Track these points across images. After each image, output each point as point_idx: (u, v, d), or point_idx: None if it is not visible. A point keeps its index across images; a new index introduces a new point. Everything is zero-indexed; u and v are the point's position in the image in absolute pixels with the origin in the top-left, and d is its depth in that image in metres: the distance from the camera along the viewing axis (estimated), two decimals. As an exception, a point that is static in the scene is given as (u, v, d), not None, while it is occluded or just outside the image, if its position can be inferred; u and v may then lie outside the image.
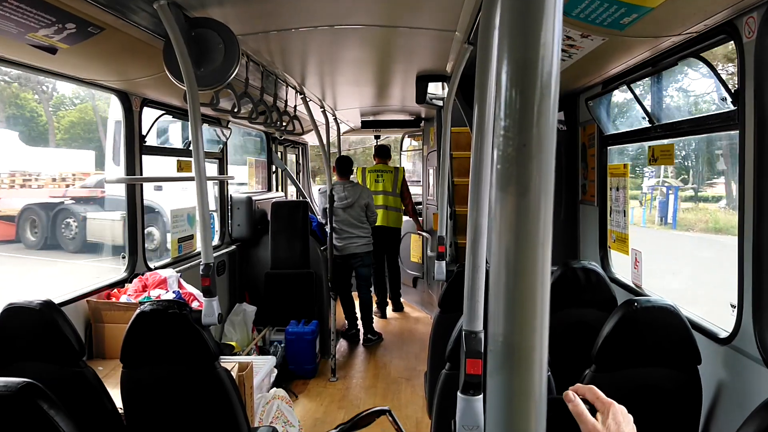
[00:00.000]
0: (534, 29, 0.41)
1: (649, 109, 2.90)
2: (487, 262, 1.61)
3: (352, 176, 5.96)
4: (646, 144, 3.03)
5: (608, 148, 3.62)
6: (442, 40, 3.14)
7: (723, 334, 2.27)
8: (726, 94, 2.18)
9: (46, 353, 2.22)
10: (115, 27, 2.34)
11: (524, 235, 0.43)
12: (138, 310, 2.26)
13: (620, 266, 3.59)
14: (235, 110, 3.33)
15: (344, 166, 5.86)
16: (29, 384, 1.49)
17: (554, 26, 0.42)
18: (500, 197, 0.44)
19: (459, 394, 1.58)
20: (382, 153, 7.06)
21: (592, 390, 1.05)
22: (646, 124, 2.96)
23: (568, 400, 1.03)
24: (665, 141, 2.84)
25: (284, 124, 4.66)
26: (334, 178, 5.80)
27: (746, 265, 2.08)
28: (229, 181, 5.41)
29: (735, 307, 2.18)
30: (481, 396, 1.57)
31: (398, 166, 7.57)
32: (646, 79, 2.96)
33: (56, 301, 2.40)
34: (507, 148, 0.43)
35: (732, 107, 2.15)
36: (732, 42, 2.14)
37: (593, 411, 1.03)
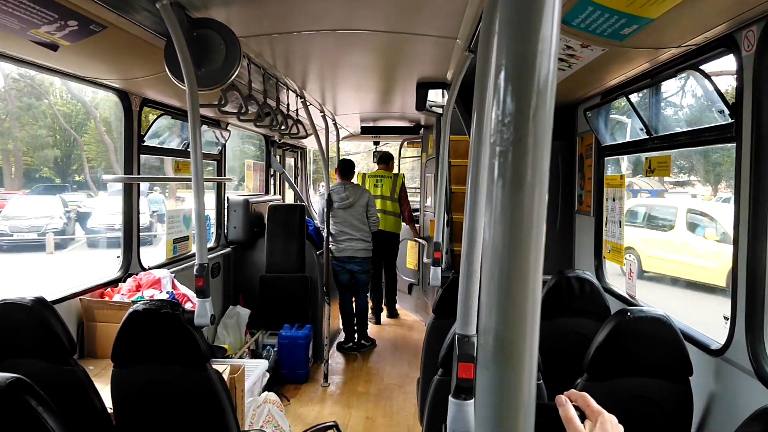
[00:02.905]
0: (533, 22, 0.41)
1: (646, 120, 2.92)
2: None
3: (353, 179, 5.97)
4: (643, 155, 3.04)
5: (605, 158, 3.63)
6: (444, 48, 3.15)
7: (715, 346, 2.27)
8: (724, 107, 2.19)
9: (37, 350, 2.20)
10: (117, 25, 2.34)
11: (517, 229, 0.43)
12: (130, 309, 2.25)
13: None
14: (242, 112, 3.33)
15: (347, 168, 5.88)
16: (18, 380, 1.48)
17: (553, 20, 0.42)
18: (493, 190, 0.43)
19: (450, 398, 1.57)
20: (384, 159, 7.06)
21: (584, 397, 1.05)
22: (643, 135, 2.97)
23: (560, 404, 1.02)
24: (662, 152, 2.85)
25: (287, 127, 4.67)
26: (337, 179, 5.82)
27: (740, 278, 2.08)
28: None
29: (728, 319, 2.18)
30: (472, 401, 1.56)
31: (398, 172, 7.58)
32: (645, 90, 2.98)
33: (49, 298, 2.39)
34: (502, 142, 0.43)
35: (729, 120, 2.16)
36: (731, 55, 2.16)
37: (583, 418, 1.03)
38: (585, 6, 1.96)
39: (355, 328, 5.98)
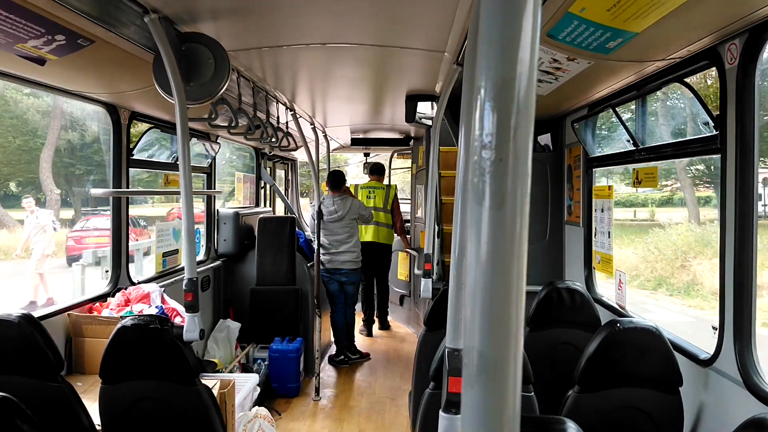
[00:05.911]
0: (512, 47, 0.42)
1: (633, 132, 2.95)
2: None
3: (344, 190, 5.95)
4: (631, 166, 3.07)
5: (594, 169, 3.66)
6: (432, 61, 3.17)
7: (704, 356, 2.28)
8: (708, 119, 2.22)
9: (23, 367, 2.18)
10: (104, 39, 2.34)
11: (499, 248, 0.43)
12: (119, 325, 2.23)
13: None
14: (232, 125, 3.33)
15: (336, 179, 5.85)
16: (5, 399, 1.46)
17: (532, 44, 0.42)
18: (476, 210, 0.44)
19: (441, 412, 1.56)
20: (376, 170, 7.06)
21: None
22: (630, 146, 3.00)
23: None
24: (649, 164, 2.88)
25: (278, 139, 4.67)
26: (327, 191, 5.81)
27: (727, 288, 2.10)
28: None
29: (716, 330, 2.19)
30: None
31: (390, 183, 7.58)
32: (631, 102, 3.01)
33: (37, 314, 2.36)
34: (483, 162, 0.43)
35: (714, 132, 2.19)
36: (714, 68, 2.19)
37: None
38: (570, 20, 1.99)
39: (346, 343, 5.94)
